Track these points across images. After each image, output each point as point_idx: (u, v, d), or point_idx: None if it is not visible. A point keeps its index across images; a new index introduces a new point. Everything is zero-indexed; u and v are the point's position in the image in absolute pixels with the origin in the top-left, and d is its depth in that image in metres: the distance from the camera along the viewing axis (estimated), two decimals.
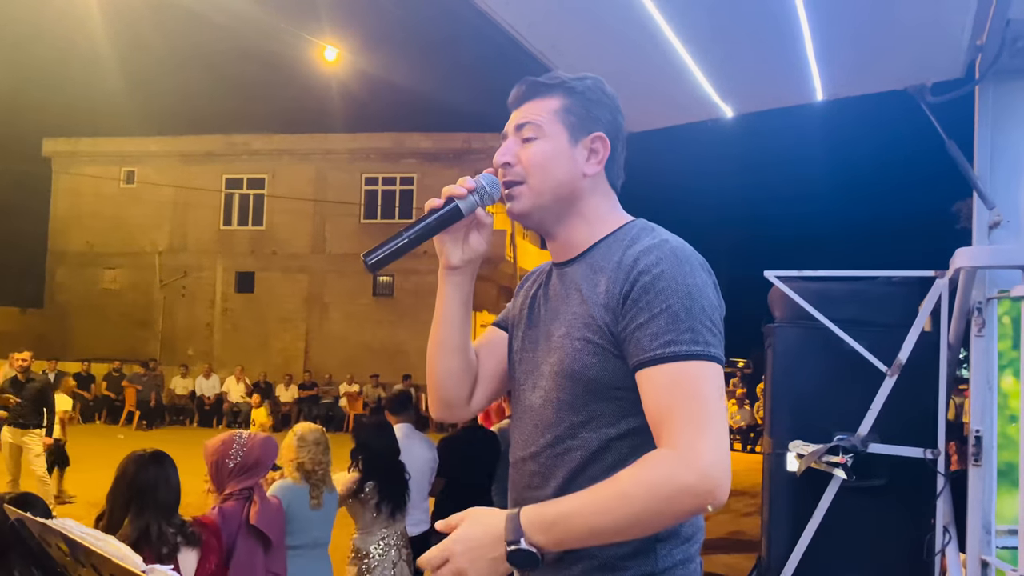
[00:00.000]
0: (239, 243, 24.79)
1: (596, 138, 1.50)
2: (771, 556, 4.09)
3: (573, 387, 1.41)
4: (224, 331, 24.44)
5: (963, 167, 3.53)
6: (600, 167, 1.51)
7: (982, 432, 3.47)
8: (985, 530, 3.45)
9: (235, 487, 3.06)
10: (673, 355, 1.29)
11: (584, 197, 1.51)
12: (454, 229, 1.52)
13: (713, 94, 3.64)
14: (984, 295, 3.50)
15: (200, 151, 25.04)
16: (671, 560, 1.37)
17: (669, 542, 1.37)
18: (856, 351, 3.90)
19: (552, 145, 1.48)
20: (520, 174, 1.49)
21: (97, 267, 25.17)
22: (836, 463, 3.79)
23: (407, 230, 1.45)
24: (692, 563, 1.41)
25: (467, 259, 1.56)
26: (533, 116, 1.50)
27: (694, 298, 1.33)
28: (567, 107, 1.50)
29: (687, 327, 1.30)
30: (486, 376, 1.65)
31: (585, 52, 3.16)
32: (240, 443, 3.09)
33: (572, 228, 1.52)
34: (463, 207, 1.48)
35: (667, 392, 1.29)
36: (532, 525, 1.26)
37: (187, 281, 24.71)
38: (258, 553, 3.02)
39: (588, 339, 1.39)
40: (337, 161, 24.45)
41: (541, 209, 1.50)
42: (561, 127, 1.49)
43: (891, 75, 3.59)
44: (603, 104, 1.52)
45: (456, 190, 1.49)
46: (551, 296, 1.54)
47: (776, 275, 4.15)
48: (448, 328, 1.60)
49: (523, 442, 1.50)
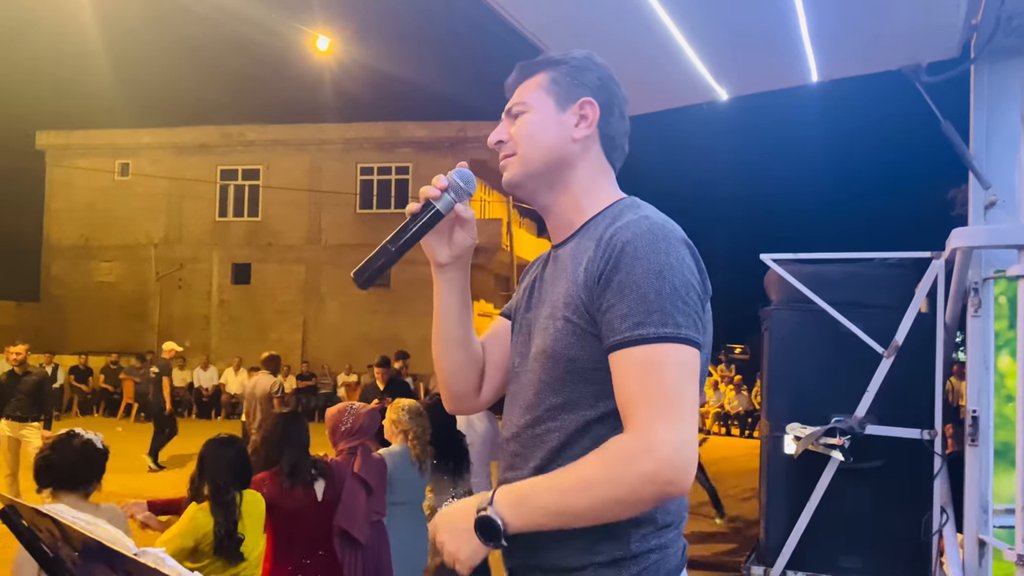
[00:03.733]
0: (235, 235, 24.74)
1: (584, 103, 1.50)
2: (769, 538, 4.10)
3: (554, 368, 1.41)
4: (221, 323, 24.43)
5: (958, 147, 3.52)
6: (590, 130, 1.50)
7: (979, 412, 3.47)
8: (982, 509, 3.45)
9: (345, 445, 3.91)
10: (641, 338, 1.28)
11: (576, 165, 1.50)
12: (437, 229, 1.52)
13: (708, 76, 3.62)
14: (980, 275, 3.50)
15: (194, 143, 24.96)
16: (645, 545, 1.37)
17: (643, 527, 1.37)
18: (853, 333, 3.90)
19: (539, 115, 1.50)
20: (511, 147, 1.51)
21: (93, 260, 25.13)
22: (833, 445, 3.80)
23: (391, 242, 1.46)
24: (669, 549, 1.40)
25: (455, 255, 1.56)
26: (521, 96, 1.53)
27: (665, 277, 1.30)
28: (553, 78, 1.51)
29: (656, 308, 1.28)
30: (493, 367, 1.66)
31: (579, 35, 3.14)
32: (351, 412, 3.95)
33: (564, 203, 1.52)
34: (440, 207, 1.48)
35: (632, 377, 1.28)
36: (502, 499, 1.31)
37: (183, 273, 24.67)
38: (361, 495, 3.81)
39: (568, 319, 1.39)
40: (332, 151, 24.39)
41: (532, 177, 1.51)
42: (547, 97, 1.50)
43: (886, 55, 3.57)
44: (590, 70, 1.52)
45: (430, 191, 1.49)
46: (546, 279, 1.54)
47: (772, 258, 4.14)
48: (448, 323, 1.60)
49: (509, 423, 1.52)
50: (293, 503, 3.49)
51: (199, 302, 24.69)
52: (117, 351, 20.68)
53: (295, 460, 3.55)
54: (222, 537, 3.14)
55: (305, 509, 3.54)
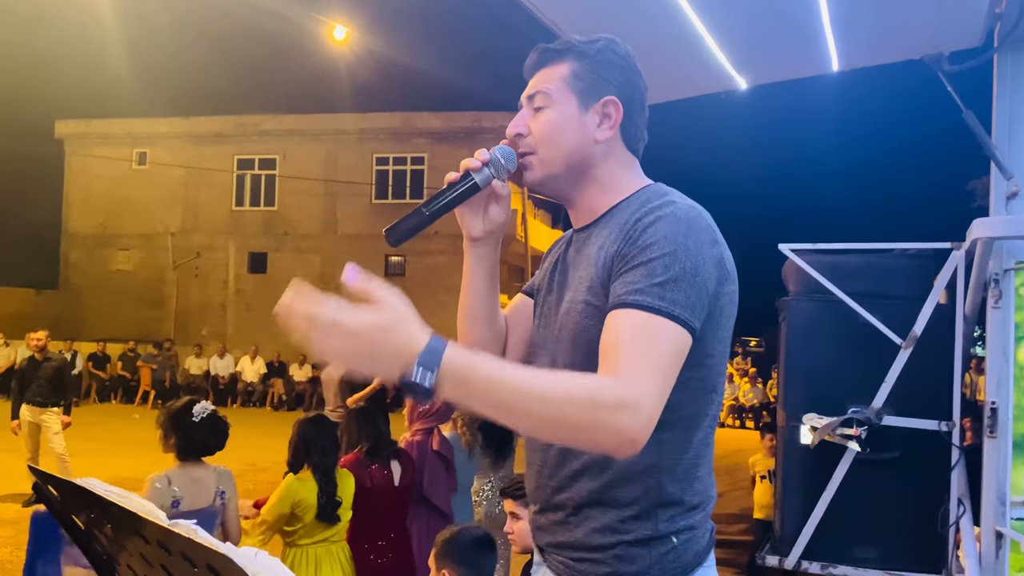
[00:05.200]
0: (251, 224, 24.87)
1: (608, 102, 1.48)
2: (784, 529, 4.10)
3: (575, 350, 1.42)
4: (237, 311, 24.58)
5: (981, 137, 3.49)
6: (613, 132, 1.49)
7: (998, 404, 3.45)
8: (1000, 501, 3.44)
9: (420, 426, 4.29)
10: (636, 303, 1.26)
11: (599, 164, 1.50)
12: (473, 202, 1.51)
13: (727, 65, 3.61)
14: (1001, 266, 3.47)
15: (211, 132, 25.08)
16: (673, 526, 1.38)
17: (672, 508, 1.38)
18: (871, 324, 3.89)
19: (561, 114, 1.47)
20: (531, 144, 1.49)
21: (110, 248, 25.34)
22: (850, 435, 3.79)
23: (426, 205, 1.45)
24: (696, 530, 1.40)
25: (488, 230, 1.56)
26: (543, 85, 1.50)
27: (678, 258, 1.29)
28: (576, 72, 1.48)
29: (659, 283, 1.27)
30: (514, 343, 1.66)
31: (597, 22, 3.13)
32: None
33: (588, 195, 1.52)
34: (479, 180, 1.48)
35: (623, 330, 1.25)
36: (451, 370, 1.11)
37: (200, 262, 24.83)
38: (442, 470, 4.21)
39: (589, 302, 1.40)
40: (347, 141, 24.44)
41: (554, 178, 1.50)
42: (570, 94, 1.48)
43: (908, 44, 3.55)
44: (614, 66, 1.50)
45: (472, 163, 1.48)
46: (568, 262, 1.55)
47: (790, 248, 4.13)
48: (475, 299, 1.61)
49: None
50: (372, 484, 3.78)
51: (216, 291, 24.85)
52: (134, 339, 20.86)
53: (374, 440, 3.86)
54: (324, 502, 3.46)
55: (383, 491, 3.83)
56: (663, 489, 1.37)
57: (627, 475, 1.37)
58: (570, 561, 1.42)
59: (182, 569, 0.96)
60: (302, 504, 3.44)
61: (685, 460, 1.39)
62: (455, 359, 1.11)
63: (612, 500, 1.39)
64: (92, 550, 1.24)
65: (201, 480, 3.22)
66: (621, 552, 1.37)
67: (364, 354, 1.09)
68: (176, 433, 3.21)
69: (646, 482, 1.37)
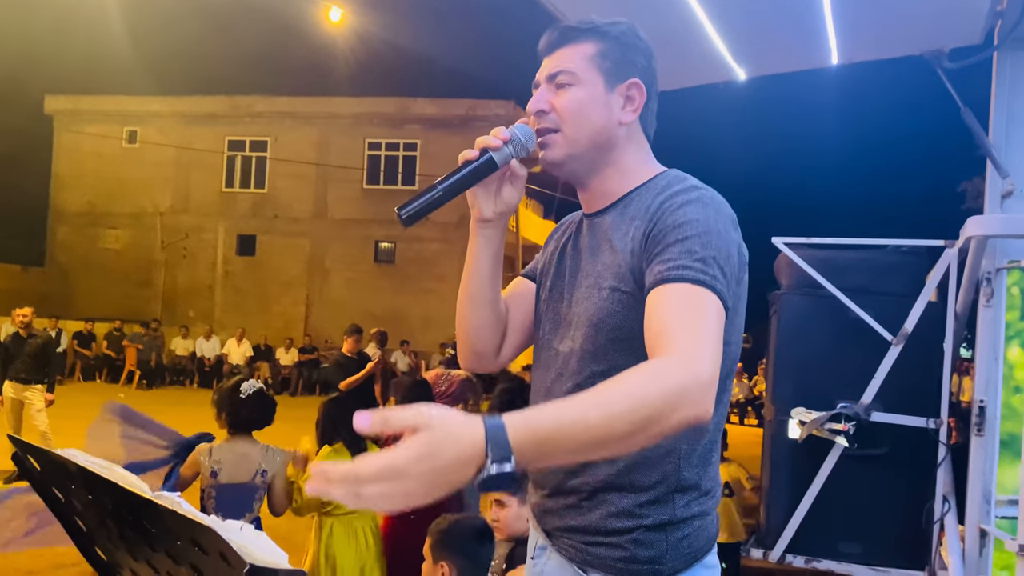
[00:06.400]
0: (241, 206, 24.73)
1: (632, 84, 1.46)
2: (770, 522, 4.11)
3: (597, 336, 1.40)
4: (225, 293, 24.47)
5: (978, 135, 3.49)
6: (636, 115, 1.47)
7: (986, 402, 3.46)
8: (985, 500, 3.45)
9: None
10: (681, 277, 1.25)
11: (620, 146, 1.47)
12: (487, 182, 1.48)
13: (727, 55, 3.58)
14: (994, 265, 3.47)
15: (203, 112, 24.89)
16: (689, 511, 1.38)
17: (688, 493, 1.38)
18: (862, 319, 3.88)
19: (588, 92, 1.44)
20: (555, 122, 1.45)
21: (99, 227, 25.14)
22: (838, 431, 3.79)
23: (441, 182, 1.41)
24: (709, 515, 1.42)
25: (500, 212, 1.53)
26: (567, 63, 1.46)
27: (711, 236, 1.30)
28: (602, 52, 1.45)
29: (699, 257, 1.27)
30: (514, 327, 1.64)
31: (597, 5, 3.10)
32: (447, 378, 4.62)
33: (605, 178, 1.49)
34: (498, 159, 1.44)
35: (674, 307, 1.23)
36: (523, 444, 1.00)
37: (188, 243, 24.68)
38: None
39: (615, 288, 1.38)
40: (340, 125, 24.30)
41: (575, 158, 1.47)
42: (596, 73, 1.45)
43: (909, 40, 3.53)
44: (638, 49, 1.48)
45: (491, 141, 1.44)
46: (581, 247, 1.52)
47: (784, 242, 4.12)
48: (479, 281, 1.58)
49: (544, 390, 1.50)
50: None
51: (204, 272, 24.72)
52: (121, 318, 20.74)
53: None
54: None
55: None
56: (680, 474, 1.38)
57: (646, 460, 1.36)
58: (583, 545, 1.41)
59: (166, 541, 0.93)
60: None
61: (702, 446, 1.40)
62: (519, 429, 1.00)
63: (630, 485, 1.38)
64: (72, 523, 1.21)
65: (245, 456, 3.38)
66: (639, 536, 1.36)
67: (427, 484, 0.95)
68: (225, 409, 3.43)
69: (664, 467, 1.37)
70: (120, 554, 1.11)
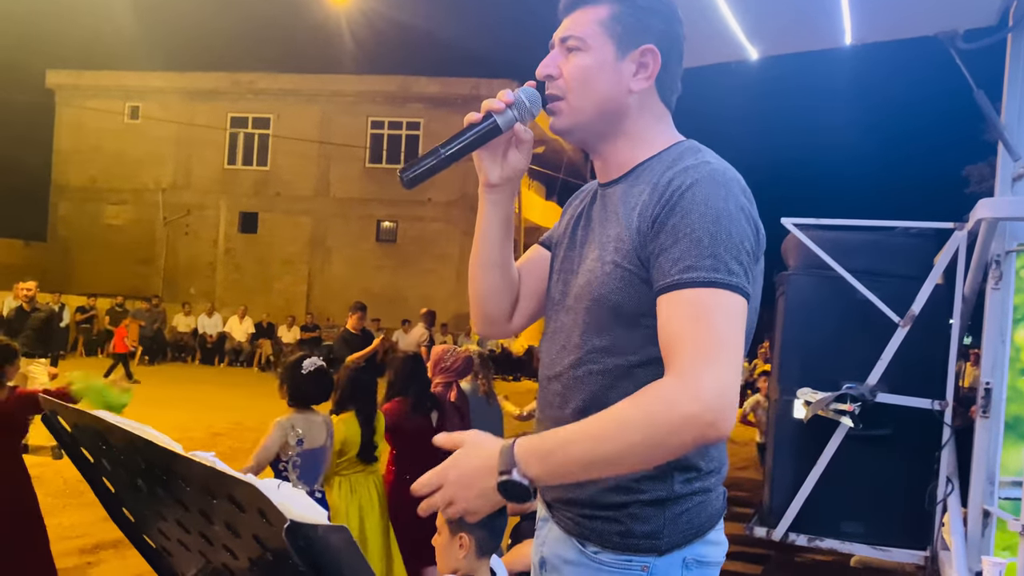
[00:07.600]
0: (243, 183, 24.66)
1: (646, 51, 1.41)
2: (773, 501, 4.14)
3: (599, 311, 1.38)
4: (226, 270, 24.45)
5: (990, 117, 3.47)
6: (649, 83, 1.42)
7: (992, 384, 3.47)
8: (989, 481, 3.47)
9: (441, 380, 4.54)
10: (690, 281, 1.23)
11: (631, 115, 1.43)
12: (492, 146, 1.47)
13: (740, 34, 3.56)
14: (1003, 248, 3.47)
15: (205, 88, 24.75)
16: (688, 488, 1.36)
17: (688, 471, 1.36)
18: (869, 301, 3.89)
19: (595, 59, 1.40)
20: (561, 88, 1.43)
21: (100, 202, 25.07)
22: (843, 411, 3.81)
23: (444, 146, 1.40)
24: (711, 493, 1.39)
25: (506, 176, 1.52)
26: (577, 28, 1.42)
27: (722, 223, 1.26)
28: (615, 15, 1.41)
29: (709, 253, 1.24)
30: (527, 294, 1.63)
31: None
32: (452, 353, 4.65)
33: (618, 147, 1.46)
34: (501, 122, 1.42)
35: (679, 319, 1.24)
36: (526, 457, 1.22)
37: (190, 219, 24.63)
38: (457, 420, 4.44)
39: (617, 263, 1.35)
40: (343, 104, 24.17)
41: (582, 127, 1.45)
42: (607, 39, 1.41)
43: (923, 20, 3.51)
44: (656, 12, 1.42)
45: (495, 104, 1.42)
46: (592, 217, 1.50)
47: (793, 222, 4.12)
48: (488, 245, 1.57)
49: (549, 362, 1.49)
50: (414, 427, 4.13)
51: (205, 249, 24.69)
52: (123, 294, 20.73)
53: (419, 394, 4.23)
54: (365, 443, 3.85)
55: (423, 431, 4.12)
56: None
57: None
58: (580, 518, 1.41)
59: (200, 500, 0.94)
60: (348, 442, 3.85)
61: None
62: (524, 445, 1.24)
63: None
64: (100, 484, 1.22)
65: (316, 423, 3.69)
66: (636, 511, 1.35)
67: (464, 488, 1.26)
68: (288, 383, 3.68)
69: None
70: (150, 514, 1.12)
